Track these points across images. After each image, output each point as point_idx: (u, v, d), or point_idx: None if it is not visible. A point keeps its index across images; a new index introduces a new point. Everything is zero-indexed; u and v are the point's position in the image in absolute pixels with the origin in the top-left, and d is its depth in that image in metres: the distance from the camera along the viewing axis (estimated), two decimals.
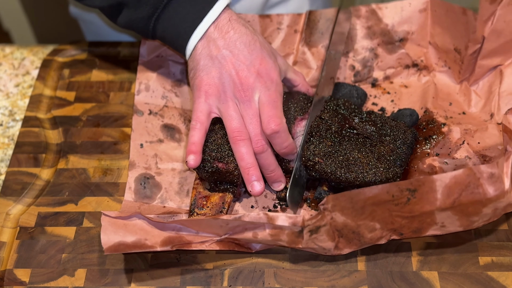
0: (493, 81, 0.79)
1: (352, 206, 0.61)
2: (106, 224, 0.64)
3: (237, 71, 0.70)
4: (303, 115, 0.75)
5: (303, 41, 0.86)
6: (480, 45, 0.77)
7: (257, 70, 0.71)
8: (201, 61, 0.72)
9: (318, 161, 0.69)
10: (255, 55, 0.71)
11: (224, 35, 0.71)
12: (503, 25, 0.75)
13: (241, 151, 0.70)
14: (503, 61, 0.78)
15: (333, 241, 0.64)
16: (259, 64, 0.71)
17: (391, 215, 0.63)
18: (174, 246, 0.65)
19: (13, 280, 0.67)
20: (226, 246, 0.67)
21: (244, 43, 0.71)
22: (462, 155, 0.74)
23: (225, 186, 0.72)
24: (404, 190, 0.60)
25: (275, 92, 0.71)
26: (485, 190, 0.59)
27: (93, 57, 0.90)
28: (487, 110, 0.78)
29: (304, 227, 0.63)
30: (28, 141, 0.81)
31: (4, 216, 0.73)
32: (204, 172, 0.70)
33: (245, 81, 0.70)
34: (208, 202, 0.71)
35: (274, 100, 0.70)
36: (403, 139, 0.73)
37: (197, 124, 0.71)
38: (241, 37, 0.71)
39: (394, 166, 0.69)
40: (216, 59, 0.71)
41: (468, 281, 0.65)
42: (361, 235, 0.64)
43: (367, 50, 0.85)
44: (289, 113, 0.75)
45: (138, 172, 0.75)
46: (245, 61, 0.71)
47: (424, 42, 0.84)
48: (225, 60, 0.71)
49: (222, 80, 0.70)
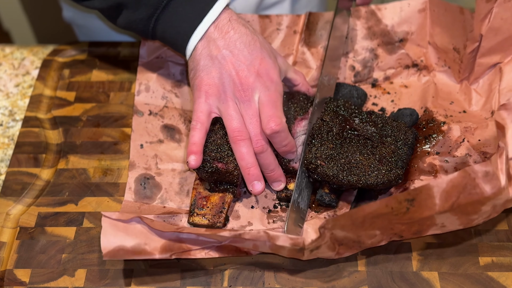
0: (493, 79, 0.78)
1: (352, 222, 0.61)
2: (107, 226, 0.63)
3: (237, 71, 0.70)
4: (303, 115, 0.75)
5: (303, 41, 0.86)
6: (478, 43, 0.77)
7: (257, 70, 0.71)
8: (201, 61, 0.72)
9: (320, 164, 0.69)
10: (255, 55, 0.71)
11: (224, 35, 0.71)
12: (500, 22, 0.75)
13: (241, 151, 0.70)
14: (502, 59, 0.78)
15: (333, 251, 0.65)
16: (259, 64, 0.71)
17: (391, 223, 0.63)
18: (173, 255, 0.65)
19: (13, 280, 0.67)
20: (226, 251, 0.67)
21: (244, 43, 0.71)
22: (462, 152, 0.74)
23: (225, 186, 0.72)
24: (402, 201, 0.60)
25: (275, 92, 0.71)
26: (482, 190, 0.59)
27: (93, 57, 0.90)
28: (488, 108, 0.78)
29: (305, 248, 0.63)
30: (28, 141, 0.81)
31: (4, 216, 0.73)
32: (204, 172, 0.70)
33: (245, 81, 0.70)
34: (208, 202, 0.71)
35: (274, 100, 0.70)
36: (404, 139, 0.73)
37: (197, 124, 0.71)
38: (241, 37, 0.71)
39: (395, 167, 0.69)
40: (216, 59, 0.71)
41: (468, 282, 0.65)
42: (361, 242, 0.64)
43: (367, 50, 0.85)
44: (289, 113, 0.75)
45: (138, 173, 0.75)
46: (245, 61, 0.71)
47: (424, 42, 0.84)
48: (225, 60, 0.71)
49: (222, 80, 0.70)
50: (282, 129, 0.69)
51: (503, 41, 0.76)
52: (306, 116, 0.75)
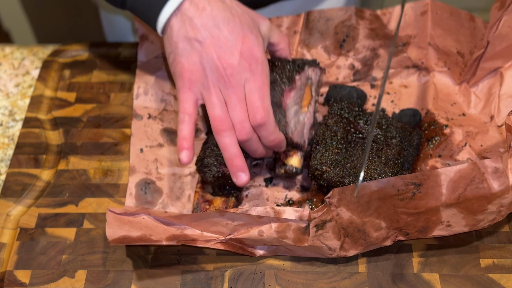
0: (493, 83, 0.79)
1: (358, 200, 0.61)
2: (111, 220, 0.64)
3: (219, 55, 0.66)
4: (291, 84, 0.71)
5: (302, 43, 0.85)
6: (484, 49, 0.77)
7: (239, 51, 0.66)
8: (179, 44, 0.67)
9: (326, 170, 0.69)
10: (236, 34, 0.66)
11: (201, 12, 0.66)
12: (508, 30, 0.75)
13: (224, 142, 0.66)
14: (503, 63, 0.78)
15: (338, 239, 0.64)
16: (242, 44, 0.66)
17: (396, 212, 0.63)
18: (180, 242, 0.65)
19: (13, 281, 0.67)
20: (231, 247, 0.67)
21: (223, 21, 0.66)
22: (464, 157, 0.74)
23: (228, 191, 0.71)
24: (409, 184, 0.60)
25: (261, 74, 0.67)
26: (489, 185, 0.60)
27: (94, 58, 0.90)
28: (487, 112, 0.78)
29: (310, 221, 0.63)
30: (28, 142, 0.80)
31: (4, 217, 0.73)
32: (211, 176, 0.69)
33: (228, 65, 0.65)
34: (211, 206, 0.71)
35: (260, 85, 0.66)
36: (409, 141, 0.73)
37: (185, 116, 0.67)
38: (219, 13, 0.66)
39: (402, 169, 0.69)
40: (195, 41, 0.66)
41: (469, 283, 0.65)
42: (366, 234, 0.64)
43: (368, 49, 0.85)
44: (276, 85, 0.71)
45: (138, 178, 0.75)
46: (226, 43, 0.66)
47: (424, 43, 0.84)
48: (205, 43, 0.66)
49: (204, 65, 0.66)
50: (269, 122, 0.66)
51: (507, 47, 0.76)
52: (294, 86, 0.71)
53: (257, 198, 0.74)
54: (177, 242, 0.65)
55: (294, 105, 0.71)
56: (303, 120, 0.72)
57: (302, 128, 0.72)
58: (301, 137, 0.72)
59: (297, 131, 0.71)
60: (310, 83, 0.74)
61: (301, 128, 0.72)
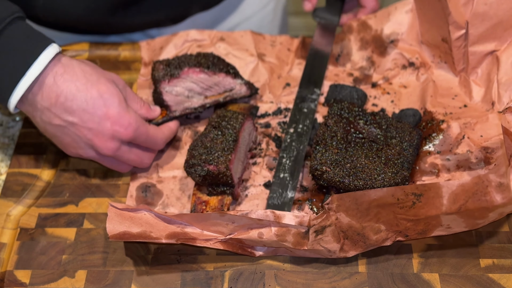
0: (491, 68, 0.77)
1: (357, 207, 0.61)
2: (112, 215, 0.64)
3: (93, 139, 0.69)
4: (171, 78, 0.77)
5: (299, 55, 0.88)
6: (465, 30, 0.76)
7: (111, 130, 0.69)
8: (48, 129, 0.70)
9: (326, 170, 0.69)
10: (100, 113, 0.68)
11: (55, 100, 0.67)
12: (485, 7, 0.74)
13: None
14: (498, 46, 0.77)
15: (338, 242, 0.64)
16: (110, 123, 0.68)
17: (396, 217, 0.62)
18: (179, 240, 0.65)
19: (14, 281, 0.67)
20: (230, 247, 0.67)
21: (82, 105, 0.67)
22: (463, 149, 0.74)
23: (222, 189, 0.72)
24: (409, 194, 0.60)
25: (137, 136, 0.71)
26: (492, 198, 0.59)
27: (94, 58, 0.89)
28: (488, 99, 0.77)
29: (310, 227, 0.63)
30: (28, 142, 0.80)
31: (5, 217, 0.73)
32: (197, 176, 0.70)
33: (105, 146, 0.69)
34: (207, 206, 0.71)
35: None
36: (409, 140, 0.73)
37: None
38: (75, 97, 0.67)
39: (402, 169, 0.69)
40: (64, 127, 0.69)
41: (469, 283, 0.65)
42: (366, 237, 0.64)
43: (364, 59, 0.86)
44: (157, 76, 0.77)
45: (139, 182, 0.75)
46: (96, 126, 0.68)
47: (416, 42, 0.85)
48: (75, 127, 0.68)
49: (81, 144, 0.70)
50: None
51: (493, 27, 0.75)
52: (175, 78, 0.77)
53: (257, 198, 0.74)
54: (177, 241, 0.65)
55: (190, 83, 0.78)
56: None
57: None
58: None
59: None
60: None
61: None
